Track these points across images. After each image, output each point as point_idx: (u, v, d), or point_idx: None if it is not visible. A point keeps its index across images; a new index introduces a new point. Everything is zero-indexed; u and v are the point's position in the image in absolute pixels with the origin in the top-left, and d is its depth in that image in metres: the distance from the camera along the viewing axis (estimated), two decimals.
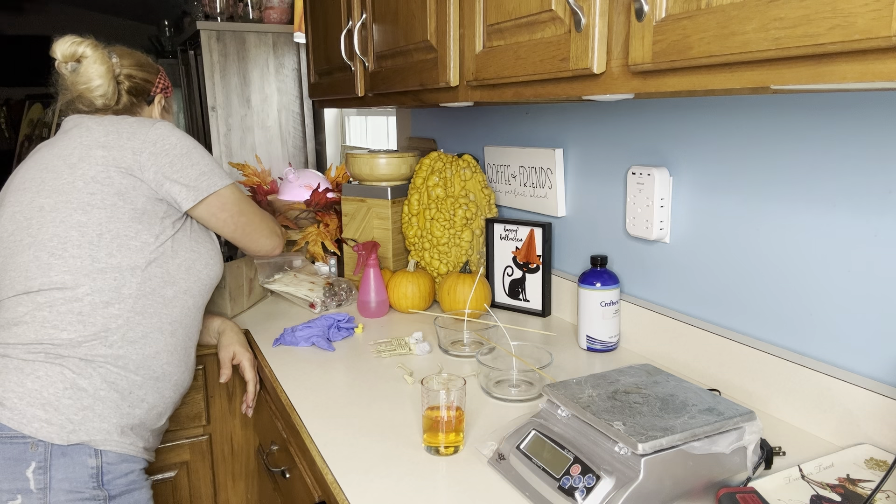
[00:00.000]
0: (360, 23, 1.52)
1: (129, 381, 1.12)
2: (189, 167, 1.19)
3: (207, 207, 1.23)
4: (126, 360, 1.12)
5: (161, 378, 1.18)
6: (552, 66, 0.91)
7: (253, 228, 1.35)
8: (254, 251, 1.41)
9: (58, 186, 1.12)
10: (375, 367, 1.31)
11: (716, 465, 0.83)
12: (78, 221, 1.11)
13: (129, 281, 1.13)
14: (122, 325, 1.12)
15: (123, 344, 1.12)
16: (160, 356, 1.17)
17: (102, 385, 1.09)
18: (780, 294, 1.07)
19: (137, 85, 1.31)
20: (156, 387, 1.17)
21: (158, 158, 1.16)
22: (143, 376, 1.14)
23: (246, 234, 1.35)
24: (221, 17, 2.94)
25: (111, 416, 1.09)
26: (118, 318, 1.12)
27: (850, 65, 0.56)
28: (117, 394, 1.10)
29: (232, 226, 1.30)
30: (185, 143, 1.20)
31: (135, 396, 1.13)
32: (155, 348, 1.16)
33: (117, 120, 1.20)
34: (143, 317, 1.14)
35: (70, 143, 1.17)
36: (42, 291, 1.09)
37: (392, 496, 0.87)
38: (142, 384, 1.14)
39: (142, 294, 1.14)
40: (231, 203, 1.27)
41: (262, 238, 1.39)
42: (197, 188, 1.20)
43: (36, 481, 1.02)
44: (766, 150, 1.07)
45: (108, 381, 1.09)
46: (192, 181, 1.19)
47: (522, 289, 1.63)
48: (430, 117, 2.19)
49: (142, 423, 1.15)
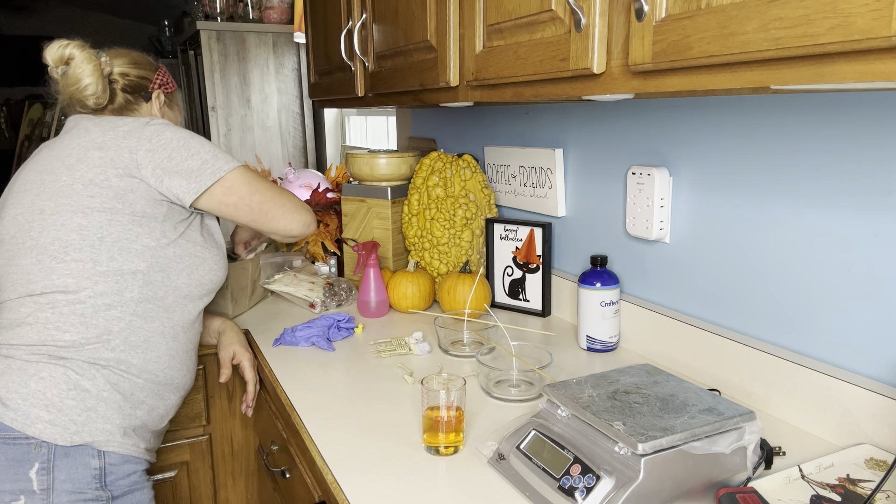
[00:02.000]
0: (360, 23, 1.52)
1: (131, 384, 1.12)
2: (188, 158, 1.16)
3: (212, 197, 1.19)
4: (128, 364, 1.12)
5: (163, 382, 1.17)
6: (552, 66, 0.91)
7: (272, 206, 1.27)
8: (282, 233, 1.32)
9: (57, 189, 1.12)
10: (375, 367, 1.31)
11: (716, 465, 0.83)
12: (78, 225, 1.10)
13: (131, 284, 1.13)
14: (125, 329, 1.12)
15: (125, 348, 1.11)
16: (161, 360, 1.17)
17: (105, 387, 1.09)
18: (780, 294, 1.07)
19: (132, 82, 1.29)
20: (157, 390, 1.17)
21: (155, 154, 1.14)
22: (146, 379, 1.14)
23: (265, 214, 1.27)
24: (221, 17, 2.94)
25: (114, 417, 1.09)
26: (120, 320, 1.11)
27: (850, 65, 0.56)
28: (120, 395, 1.10)
29: (246, 210, 1.24)
30: (180, 135, 1.18)
31: (136, 398, 1.13)
32: (157, 352, 1.16)
33: (115, 120, 1.19)
34: (145, 321, 1.14)
35: (69, 143, 1.16)
36: (45, 294, 1.09)
37: (392, 496, 0.87)
38: (143, 387, 1.14)
39: (143, 298, 1.14)
40: (239, 185, 1.22)
41: (286, 216, 1.30)
42: (199, 178, 1.16)
43: (39, 482, 1.02)
44: (766, 150, 1.07)
45: (111, 382, 1.09)
46: (192, 172, 1.16)
47: (522, 289, 1.63)
48: (430, 117, 2.19)
49: (144, 425, 1.15)
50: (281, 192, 1.31)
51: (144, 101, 1.33)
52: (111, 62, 1.27)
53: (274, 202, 1.28)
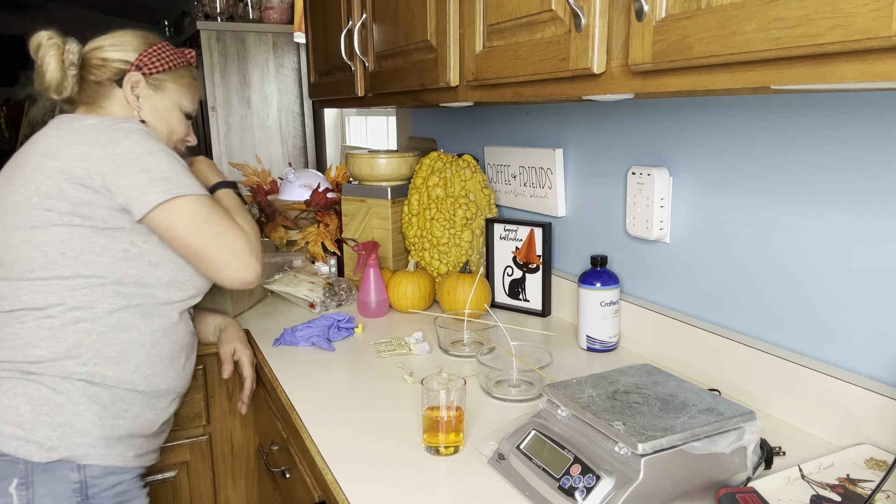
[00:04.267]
0: (360, 23, 1.52)
1: (110, 394, 1.08)
2: (137, 174, 1.06)
3: (154, 222, 1.08)
4: (103, 377, 1.07)
5: (146, 390, 1.13)
6: (552, 66, 0.91)
7: (212, 254, 1.11)
8: (218, 281, 1.16)
9: (16, 203, 1.07)
10: (375, 367, 1.31)
11: (716, 465, 0.83)
12: (39, 241, 1.05)
13: (101, 296, 1.08)
14: (97, 341, 1.07)
15: (99, 360, 1.07)
16: (141, 369, 1.12)
17: (82, 399, 1.05)
18: (780, 294, 1.07)
19: (106, 66, 1.19)
20: (140, 398, 1.13)
21: (104, 164, 1.05)
22: (126, 389, 1.10)
23: (201, 262, 1.13)
24: (221, 17, 2.95)
25: (93, 429, 1.06)
26: (91, 333, 1.07)
27: (850, 65, 0.56)
28: (98, 406, 1.07)
29: (182, 250, 1.12)
30: (138, 147, 1.07)
31: (118, 408, 1.09)
32: (135, 362, 1.11)
33: (76, 120, 1.11)
34: (120, 331, 1.09)
35: (27, 151, 1.10)
36: (13, 311, 1.06)
37: (392, 496, 0.87)
38: (124, 396, 1.10)
39: (116, 308, 1.09)
40: (182, 221, 1.09)
41: (226, 269, 1.13)
42: (142, 199, 1.06)
43: (19, 497, 1.00)
44: (766, 150, 1.07)
45: (88, 394, 1.06)
46: (136, 191, 1.06)
47: (522, 289, 1.63)
48: (430, 117, 2.19)
49: (130, 434, 1.11)
50: (231, 239, 1.13)
51: (118, 87, 1.21)
52: (84, 48, 1.19)
53: (215, 250, 1.12)
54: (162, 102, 1.25)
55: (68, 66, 1.17)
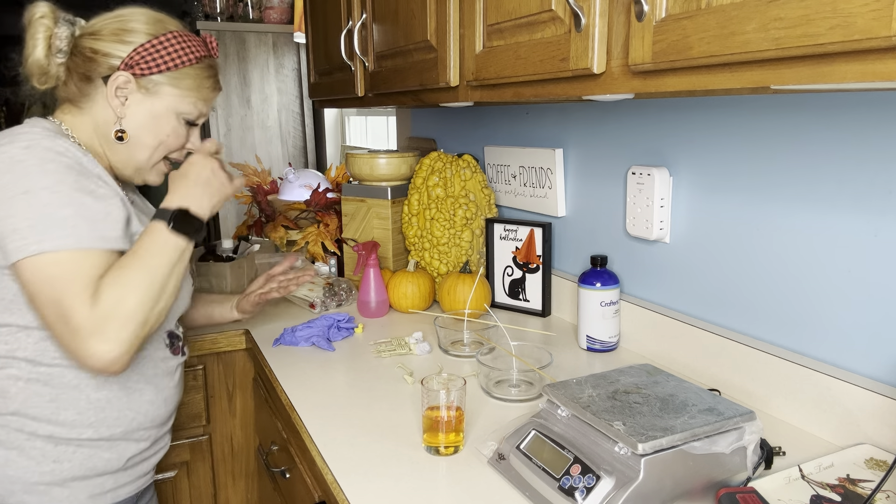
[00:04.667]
0: (360, 23, 1.52)
1: (41, 445, 0.95)
2: (4, 219, 0.87)
3: (21, 276, 0.89)
4: (34, 426, 0.95)
5: (92, 437, 0.98)
6: (552, 66, 0.91)
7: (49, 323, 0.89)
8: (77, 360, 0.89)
9: None
10: (375, 367, 1.31)
11: (716, 465, 0.83)
12: None
13: (24, 342, 0.94)
14: (23, 389, 0.95)
15: (28, 408, 0.94)
16: (86, 414, 0.97)
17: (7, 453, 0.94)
18: (780, 294, 1.07)
19: (88, 59, 0.99)
20: (87, 449, 0.98)
21: None
22: (68, 436, 0.97)
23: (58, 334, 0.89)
24: (221, 17, 2.94)
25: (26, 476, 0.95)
26: (18, 380, 0.94)
27: (850, 65, 0.56)
28: (31, 460, 0.95)
29: (42, 315, 0.90)
30: (14, 186, 0.87)
31: (59, 451, 0.96)
32: (75, 409, 0.97)
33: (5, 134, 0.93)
34: (51, 377, 0.95)
35: None
36: None
37: (392, 496, 0.87)
38: (67, 441, 0.97)
39: (40, 352, 0.94)
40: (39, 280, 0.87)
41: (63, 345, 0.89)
42: (4, 249, 0.88)
43: None
44: (766, 150, 1.07)
45: (14, 447, 0.94)
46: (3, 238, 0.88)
47: (522, 289, 1.63)
48: (430, 117, 2.19)
49: (83, 476, 0.98)
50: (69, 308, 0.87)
51: (104, 84, 1.00)
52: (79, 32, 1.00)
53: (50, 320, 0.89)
54: (154, 109, 1.02)
55: (55, 53, 0.99)
